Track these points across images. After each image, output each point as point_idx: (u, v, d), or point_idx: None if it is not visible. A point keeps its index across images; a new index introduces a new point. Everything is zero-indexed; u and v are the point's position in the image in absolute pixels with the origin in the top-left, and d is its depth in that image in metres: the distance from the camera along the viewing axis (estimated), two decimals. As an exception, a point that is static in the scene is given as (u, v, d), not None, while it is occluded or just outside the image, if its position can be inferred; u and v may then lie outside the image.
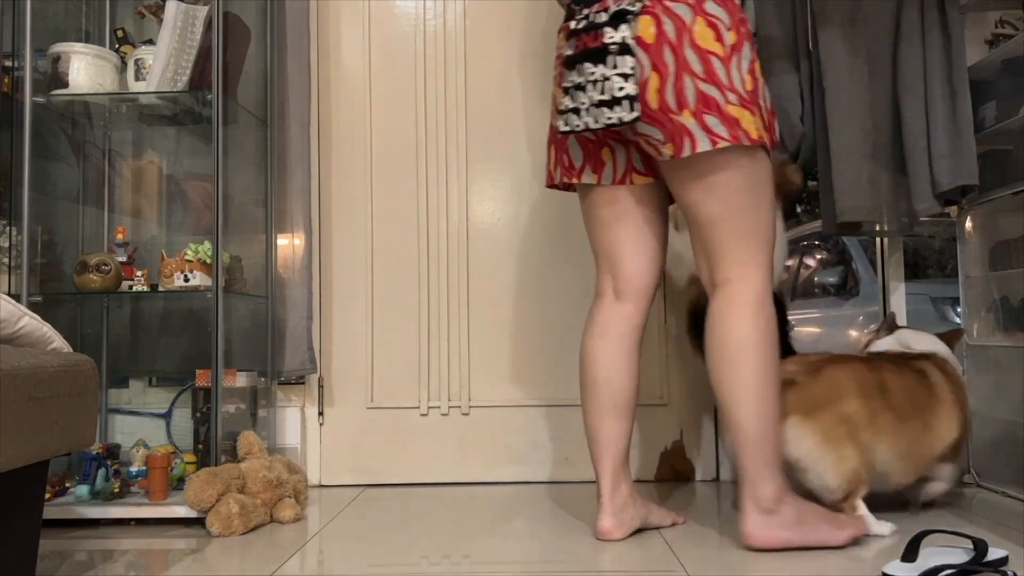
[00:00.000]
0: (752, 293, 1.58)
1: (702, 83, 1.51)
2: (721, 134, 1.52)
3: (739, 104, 1.53)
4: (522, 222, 2.44)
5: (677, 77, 1.51)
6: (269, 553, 1.64)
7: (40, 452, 1.24)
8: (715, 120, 1.51)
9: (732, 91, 1.53)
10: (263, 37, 2.29)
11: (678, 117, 1.52)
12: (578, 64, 1.59)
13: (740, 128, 1.52)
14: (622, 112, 1.53)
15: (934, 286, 4.34)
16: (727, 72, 1.53)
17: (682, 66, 1.51)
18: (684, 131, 1.52)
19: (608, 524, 1.67)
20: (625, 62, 1.52)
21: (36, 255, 2.00)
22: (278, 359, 2.29)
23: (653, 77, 1.51)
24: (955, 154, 2.10)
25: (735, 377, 1.56)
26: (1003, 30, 2.34)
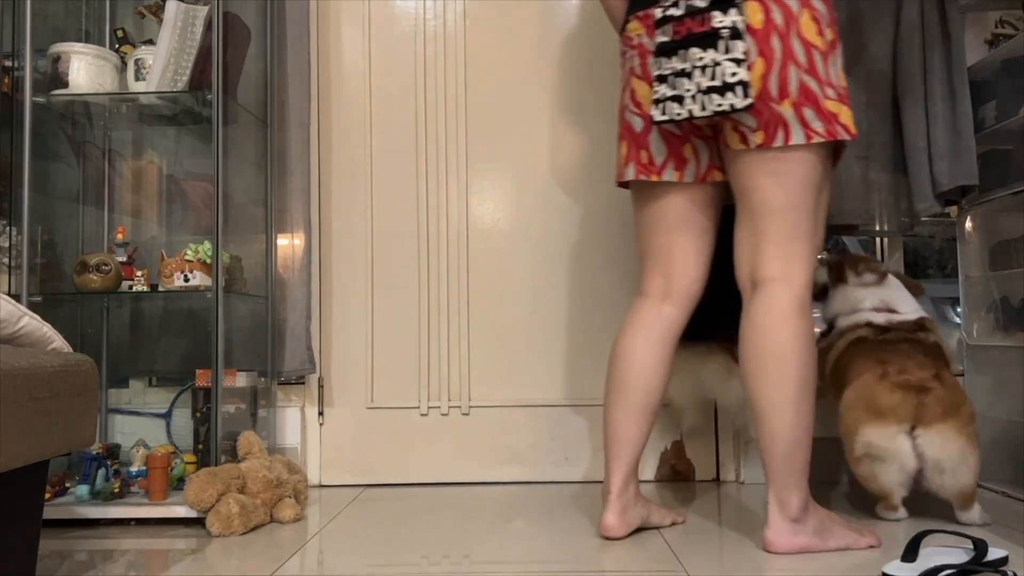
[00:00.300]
0: (795, 295, 1.56)
1: (805, 74, 1.51)
2: (817, 129, 1.52)
3: (837, 99, 1.54)
4: (522, 222, 2.44)
5: (783, 66, 1.50)
6: (269, 553, 1.64)
7: (40, 452, 1.24)
8: (812, 114, 1.52)
9: (830, 86, 1.53)
10: (263, 37, 2.29)
11: (777, 106, 1.51)
12: (681, 50, 1.54)
13: (838, 123, 1.53)
14: (734, 99, 1.49)
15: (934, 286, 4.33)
16: (826, 66, 1.53)
17: (788, 55, 1.50)
18: (780, 121, 1.52)
19: (613, 521, 1.66)
20: (737, 47, 1.49)
21: (36, 255, 2.00)
22: (278, 359, 2.29)
23: (759, 63, 1.50)
24: (955, 154, 2.10)
25: (776, 386, 1.53)
26: (1003, 30, 2.34)
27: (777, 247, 1.58)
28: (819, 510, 1.60)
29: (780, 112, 1.51)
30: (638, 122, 1.68)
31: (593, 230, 2.43)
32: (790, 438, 1.53)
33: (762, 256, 1.59)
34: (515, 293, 2.43)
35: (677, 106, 1.55)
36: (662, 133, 1.65)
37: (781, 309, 1.55)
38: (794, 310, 1.55)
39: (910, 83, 2.14)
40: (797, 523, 1.55)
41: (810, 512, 1.57)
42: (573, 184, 2.44)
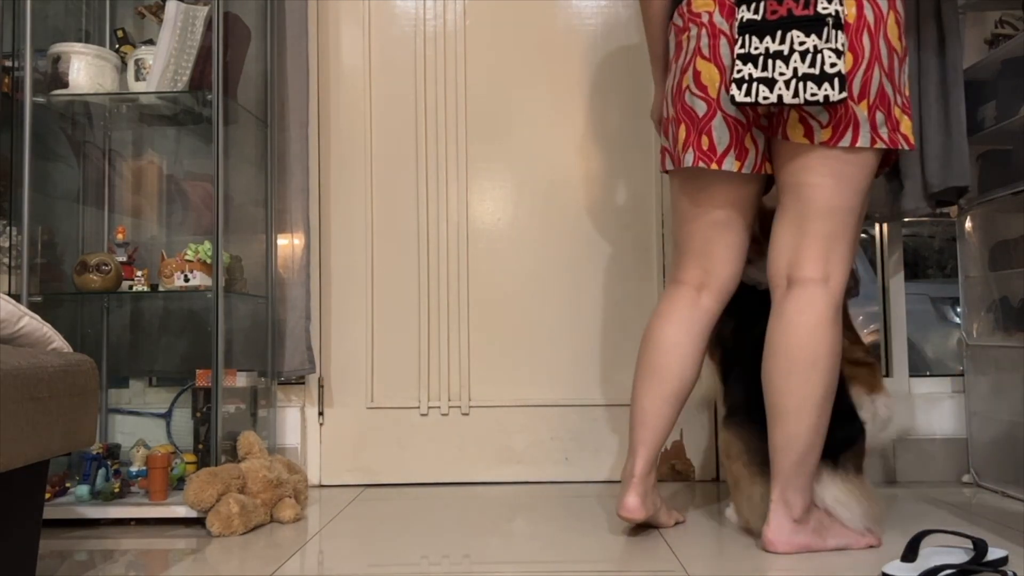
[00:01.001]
0: (832, 299, 1.55)
1: (885, 77, 1.49)
2: (883, 135, 1.50)
3: (903, 108, 1.52)
4: (522, 222, 2.44)
5: (868, 66, 1.47)
6: (269, 553, 1.64)
7: (40, 452, 1.24)
8: (883, 119, 1.50)
9: (900, 93, 1.52)
10: (263, 37, 2.29)
11: (855, 106, 1.48)
12: (779, 31, 1.45)
13: (899, 132, 1.51)
14: (830, 90, 1.43)
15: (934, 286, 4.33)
16: (900, 73, 1.52)
17: (875, 55, 1.48)
18: (852, 121, 1.49)
19: (634, 503, 1.65)
20: (838, 37, 1.44)
21: (36, 255, 2.00)
22: (278, 359, 2.29)
23: (847, 57, 1.46)
24: (947, 155, 2.10)
25: (803, 390, 1.52)
26: (1003, 30, 2.34)
27: (821, 248, 1.56)
28: (818, 510, 1.60)
29: (855, 112, 1.49)
30: (701, 106, 1.58)
31: (593, 230, 2.43)
32: (808, 442, 1.52)
33: (803, 255, 1.57)
34: (515, 293, 2.43)
35: (766, 89, 1.45)
36: (727, 120, 1.57)
37: (817, 313, 1.53)
38: (830, 315, 1.54)
39: (906, 83, 2.14)
40: (799, 523, 1.55)
41: (811, 512, 1.58)
42: (573, 184, 2.44)
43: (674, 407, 1.69)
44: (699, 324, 1.69)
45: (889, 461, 2.33)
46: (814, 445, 1.53)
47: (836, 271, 1.56)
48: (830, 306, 1.54)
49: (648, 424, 1.68)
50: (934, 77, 2.12)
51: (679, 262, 1.74)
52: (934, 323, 4.15)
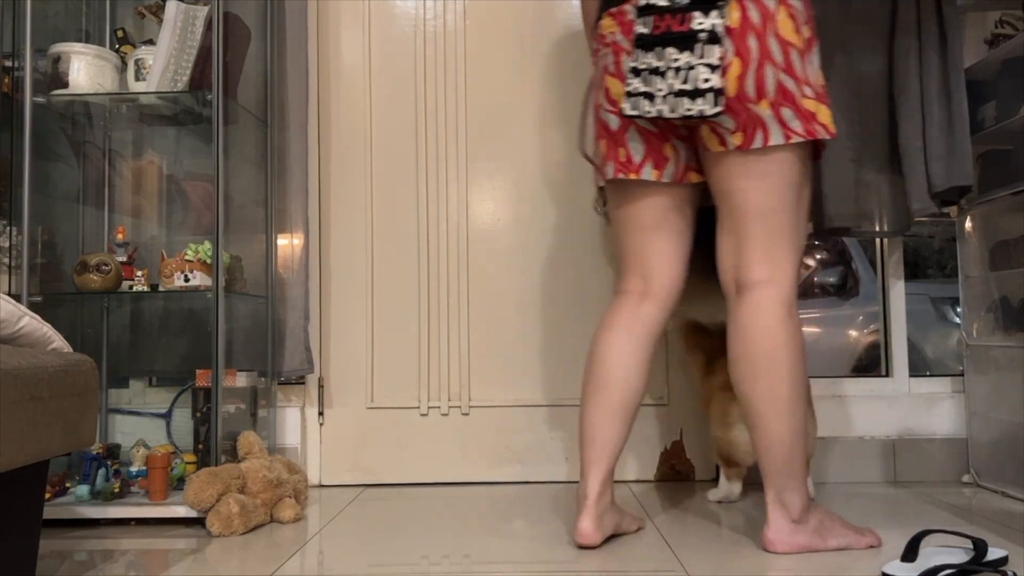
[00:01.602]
0: (782, 297, 1.55)
1: (782, 74, 1.49)
2: (796, 128, 1.50)
3: (815, 98, 1.52)
4: (522, 222, 2.44)
5: (759, 66, 1.48)
6: (269, 553, 1.64)
7: (40, 452, 1.24)
8: (791, 113, 1.50)
9: (808, 84, 1.51)
10: (263, 37, 2.29)
11: (755, 107, 1.49)
12: (658, 47, 1.50)
13: (817, 122, 1.51)
14: (704, 105, 1.47)
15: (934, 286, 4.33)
16: (803, 65, 1.51)
17: (765, 55, 1.48)
18: (759, 122, 1.50)
19: (588, 528, 1.60)
20: (713, 52, 1.47)
21: (36, 255, 2.00)
22: (278, 359, 2.29)
23: (735, 64, 1.48)
24: (950, 155, 2.10)
25: (770, 388, 1.53)
26: (1003, 30, 2.34)
27: (762, 250, 1.57)
28: (818, 509, 1.60)
29: (758, 113, 1.49)
30: (614, 120, 1.64)
31: (593, 230, 2.43)
32: (788, 440, 1.53)
33: (747, 259, 1.58)
34: (515, 293, 2.43)
35: (647, 103, 1.52)
36: (640, 131, 1.61)
37: (769, 313, 1.54)
38: (781, 313, 1.54)
39: (905, 83, 2.14)
40: (798, 523, 1.55)
41: (810, 512, 1.57)
42: (573, 184, 2.44)
43: (623, 420, 1.65)
44: (643, 333, 1.67)
45: (889, 461, 2.33)
46: (795, 443, 1.53)
47: (782, 270, 1.56)
48: (781, 304, 1.54)
49: (597, 440, 1.64)
50: (935, 77, 2.12)
51: (620, 272, 1.74)
52: (934, 323, 4.15)
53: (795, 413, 1.53)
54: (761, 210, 1.56)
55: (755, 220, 1.56)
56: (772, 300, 1.55)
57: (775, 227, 1.56)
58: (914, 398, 2.37)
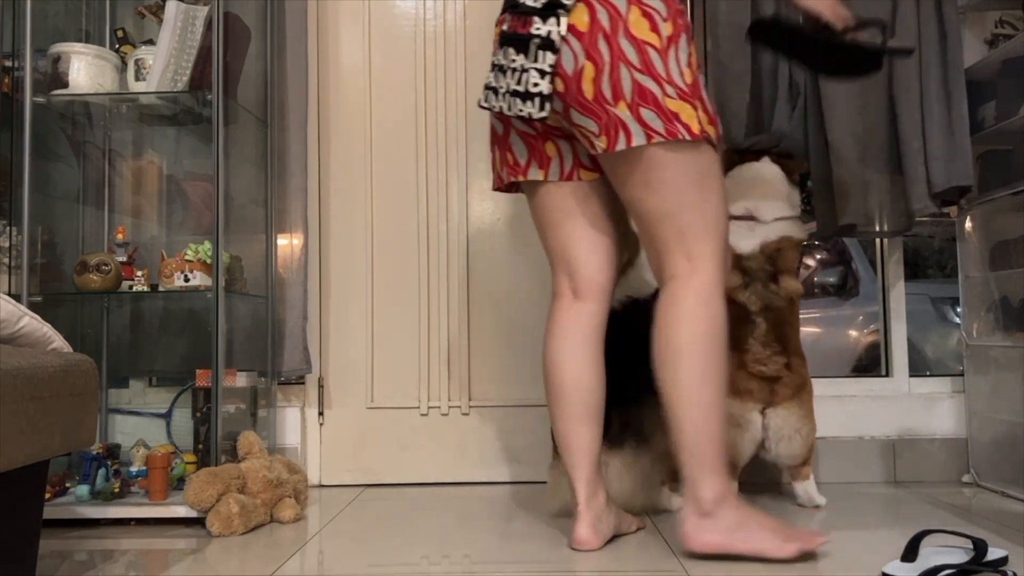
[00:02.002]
0: (700, 287, 1.52)
1: (639, 74, 1.46)
2: (657, 129, 1.46)
3: (679, 97, 1.47)
4: (522, 221, 2.44)
5: (613, 67, 1.46)
6: (269, 553, 1.64)
7: (40, 452, 1.24)
8: (652, 114, 1.46)
9: (671, 84, 1.47)
10: (263, 37, 2.29)
11: (613, 109, 1.47)
12: (506, 46, 1.53)
13: (679, 123, 1.47)
14: (532, 108, 1.49)
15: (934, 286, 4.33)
16: (664, 64, 1.47)
17: (617, 56, 1.46)
18: (619, 124, 1.47)
19: (585, 533, 1.59)
20: (545, 58, 1.47)
21: (36, 255, 2.00)
22: (278, 359, 2.29)
23: (588, 67, 1.47)
24: (950, 155, 2.10)
25: (676, 376, 1.50)
26: (1003, 30, 2.34)
27: (675, 250, 1.54)
28: (742, 508, 1.51)
29: (617, 114, 1.47)
30: (499, 125, 1.66)
31: (593, 230, 2.42)
32: (695, 430, 1.49)
33: (662, 259, 1.57)
34: (515, 293, 2.43)
35: (494, 98, 1.54)
36: (520, 134, 1.62)
37: (684, 303, 1.52)
38: (699, 302, 1.51)
39: (905, 83, 2.14)
40: (708, 518, 1.48)
41: (726, 507, 1.49)
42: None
43: (588, 422, 1.63)
44: (584, 331, 1.65)
45: (889, 461, 2.33)
46: (705, 434, 1.49)
47: (699, 263, 1.53)
48: (698, 295, 1.51)
49: (570, 447, 1.63)
50: (935, 77, 2.12)
51: (553, 274, 1.72)
52: (934, 323, 4.15)
53: (704, 404, 1.49)
54: (658, 216, 1.54)
55: (656, 226, 1.55)
56: (689, 291, 1.52)
57: (679, 229, 1.53)
58: (914, 398, 2.37)
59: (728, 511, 1.49)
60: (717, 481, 1.49)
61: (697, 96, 1.50)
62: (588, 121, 1.50)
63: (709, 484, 1.49)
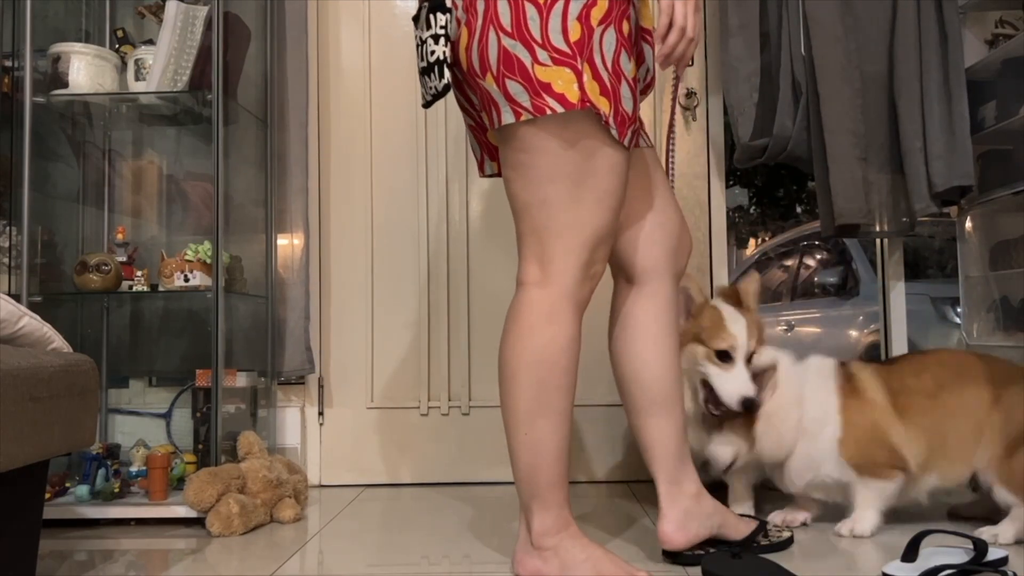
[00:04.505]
0: (543, 300, 1.34)
1: (507, 39, 1.25)
2: (524, 104, 1.25)
3: (553, 63, 1.24)
4: (522, 222, 2.44)
5: (483, 33, 1.26)
6: (269, 553, 1.64)
7: (40, 452, 1.24)
8: (519, 87, 1.26)
9: (544, 47, 1.24)
10: (263, 37, 2.29)
11: (483, 82, 1.28)
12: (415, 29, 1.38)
13: (550, 94, 1.24)
14: (436, 81, 1.29)
15: (934, 286, 4.34)
16: (543, 22, 1.24)
17: (489, 19, 1.26)
18: (490, 101, 1.29)
19: (667, 530, 1.47)
20: (438, 20, 1.29)
21: (36, 255, 2.00)
22: (278, 359, 2.29)
23: (463, 33, 1.29)
24: (950, 155, 2.10)
25: (509, 401, 1.35)
26: (1003, 30, 2.34)
27: (528, 253, 1.37)
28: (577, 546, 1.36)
29: (488, 89, 1.28)
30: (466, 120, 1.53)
31: (593, 230, 2.42)
32: (525, 460, 1.34)
33: (520, 258, 1.40)
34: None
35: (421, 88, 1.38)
36: (468, 128, 1.51)
37: (525, 317, 1.35)
38: (541, 318, 1.34)
39: (906, 83, 2.14)
40: (537, 550, 1.36)
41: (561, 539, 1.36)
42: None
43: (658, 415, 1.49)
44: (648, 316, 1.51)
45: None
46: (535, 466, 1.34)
47: (553, 270, 1.34)
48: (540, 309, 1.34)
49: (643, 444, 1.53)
50: (936, 77, 2.12)
51: None
52: (934, 323, 4.15)
53: (535, 438, 1.33)
54: (521, 206, 1.35)
55: (519, 217, 1.37)
56: (530, 304, 1.35)
57: (540, 225, 1.33)
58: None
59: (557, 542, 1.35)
60: (547, 516, 1.35)
61: (585, 56, 1.25)
62: (473, 96, 1.34)
63: (539, 515, 1.36)
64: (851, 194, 2.16)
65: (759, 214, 10.92)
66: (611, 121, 1.28)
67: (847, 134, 2.16)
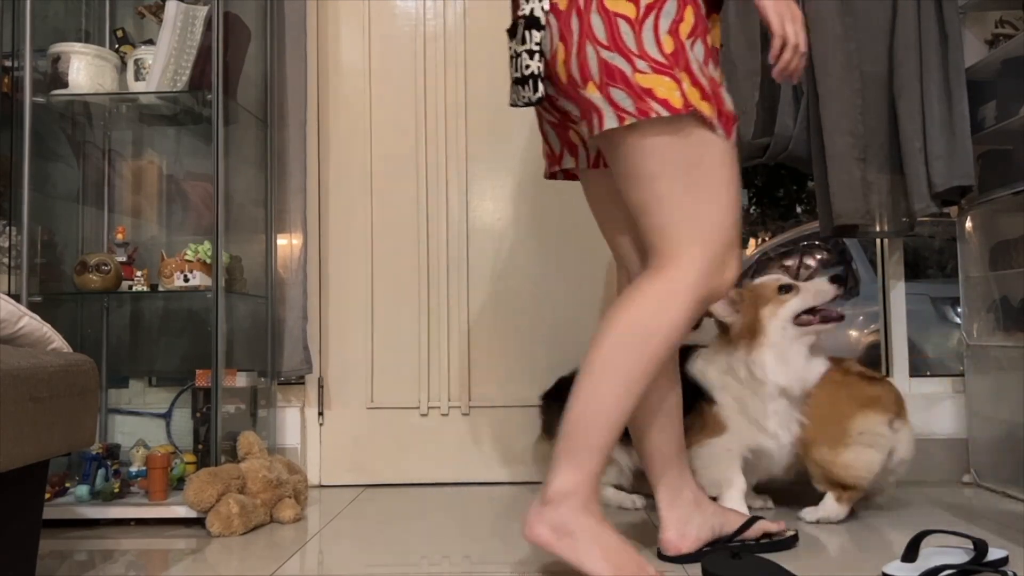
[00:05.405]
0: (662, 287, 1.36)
1: (605, 51, 1.34)
2: (628, 108, 1.33)
3: (652, 71, 1.33)
4: (522, 222, 2.44)
5: (580, 47, 1.35)
6: (269, 553, 1.64)
7: (40, 452, 1.24)
8: (622, 93, 1.33)
9: (642, 57, 1.33)
10: (263, 37, 2.29)
11: (584, 91, 1.37)
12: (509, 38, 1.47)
13: (654, 99, 1.32)
14: (529, 92, 1.40)
15: (934, 286, 4.34)
16: (637, 36, 1.33)
17: (585, 34, 1.35)
18: (592, 107, 1.36)
19: (670, 535, 1.51)
20: (533, 37, 1.39)
21: (36, 255, 2.00)
22: (277, 359, 2.29)
23: (560, 48, 1.37)
24: (951, 155, 2.10)
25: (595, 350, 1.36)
26: (1003, 30, 2.34)
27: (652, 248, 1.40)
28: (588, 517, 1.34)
29: (588, 97, 1.36)
30: (536, 118, 1.62)
31: (594, 230, 2.42)
32: (583, 410, 1.35)
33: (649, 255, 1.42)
34: (515, 293, 2.43)
35: (512, 93, 1.47)
36: (549, 123, 1.56)
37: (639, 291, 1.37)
38: (656, 299, 1.36)
39: (906, 83, 2.14)
40: (547, 507, 1.33)
41: (569, 507, 1.33)
42: (573, 184, 2.43)
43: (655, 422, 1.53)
44: None
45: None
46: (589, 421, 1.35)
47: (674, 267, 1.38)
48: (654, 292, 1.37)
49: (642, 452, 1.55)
50: (936, 77, 2.12)
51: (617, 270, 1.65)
52: (934, 323, 4.15)
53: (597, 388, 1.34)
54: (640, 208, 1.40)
55: (640, 217, 1.41)
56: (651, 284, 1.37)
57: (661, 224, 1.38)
58: (914, 398, 2.37)
59: (569, 512, 1.33)
60: (575, 476, 1.34)
61: (681, 66, 1.34)
62: (570, 106, 1.42)
63: (564, 473, 1.34)
64: (849, 195, 2.16)
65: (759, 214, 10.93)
66: (715, 121, 1.37)
67: (846, 134, 2.16)
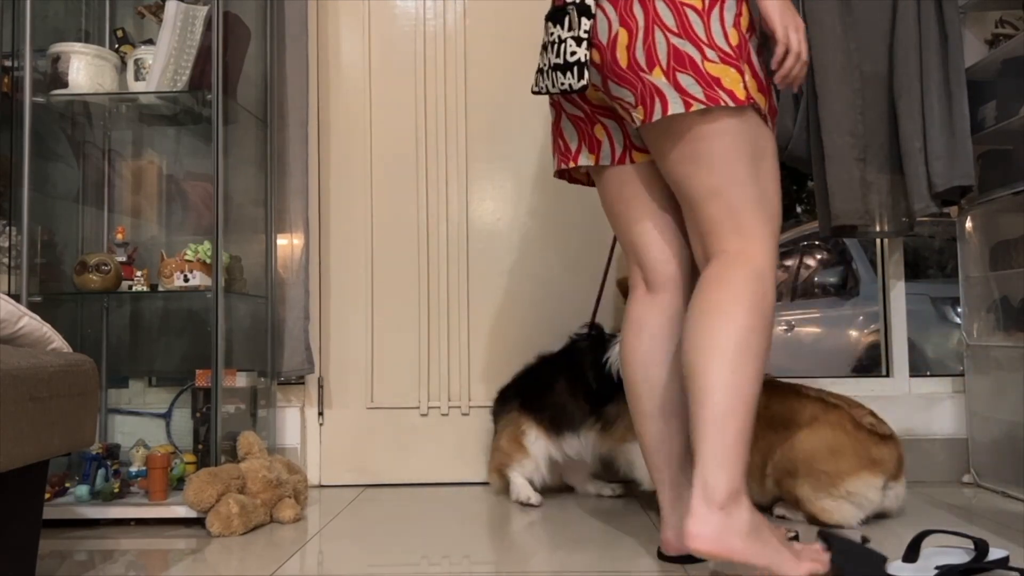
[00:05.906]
0: (751, 263, 1.37)
1: (675, 38, 1.35)
2: (696, 95, 1.35)
3: (721, 61, 1.36)
4: (522, 222, 2.44)
5: (647, 32, 1.36)
6: (269, 553, 1.63)
7: (40, 452, 1.24)
8: (690, 80, 1.35)
9: (712, 47, 1.36)
10: (263, 37, 2.29)
11: (649, 76, 1.37)
12: (547, 23, 1.46)
13: (721, 88, 1.35)
14: (572, 79, 1.40)
15: (934, 286, 4.34)
16: (705, 26, 1.36)
17: (653, 20, 1.36)
18: (655, 92, 1.37)
19: (671, 535, 1.51)
20: (581, 24, 1.39)
21: (36, 255, 2.00)
22: (278, 359, 2.29)
23: (622, 33, 1.38)
24: (951, 155, 2.10)
25: (709, 338, 1.32)
26: (1003, 30, 2.34)
27: (725, 228, 1.41)
28: (755, 511, 1.32)
29: (653, 82, 1.36)
30: (552, 112, 1.61)
31: (594, 230, 2.43)
32: (723, 402, 1.29)
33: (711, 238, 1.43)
34: (515, 293, 2.43)
35: (542, 79, 1.46)
36: (570, 117, 1.55)
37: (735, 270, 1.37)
38: (750, 275, 1.36)
39: (906, 83, 2.14)
40: (723, 513, 1.26)
41: (744, 508, 1.29)
42: (573, 185, 2.43)
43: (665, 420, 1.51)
44: (659, 322, 1.53)
45: (889, 461, 2.33)
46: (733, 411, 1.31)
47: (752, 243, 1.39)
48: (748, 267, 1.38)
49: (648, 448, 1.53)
50: (936, 77, 2.12)
51: (628, 268, 1.63)
52: (934, 323, 4.15)
53: (737, 373, 1.30)
54: (705, 194, 1.41)
55: (704, 206, 1.42)
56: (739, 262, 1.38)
57: (729, 209, 1.40)
58: (914, 398, 2.37)
59: (743, 511, 1.29)
60: (735, 471, 1.28)
61: (744, 59, 1.37)
62: (625, 92, 1.41)
63: (725, 471, 1.27)
64: (848, 195, 2.16)
65: (759, 214, 10.89)
66: (767, 114, 1.43)
67: (845, 134, 2.16)
